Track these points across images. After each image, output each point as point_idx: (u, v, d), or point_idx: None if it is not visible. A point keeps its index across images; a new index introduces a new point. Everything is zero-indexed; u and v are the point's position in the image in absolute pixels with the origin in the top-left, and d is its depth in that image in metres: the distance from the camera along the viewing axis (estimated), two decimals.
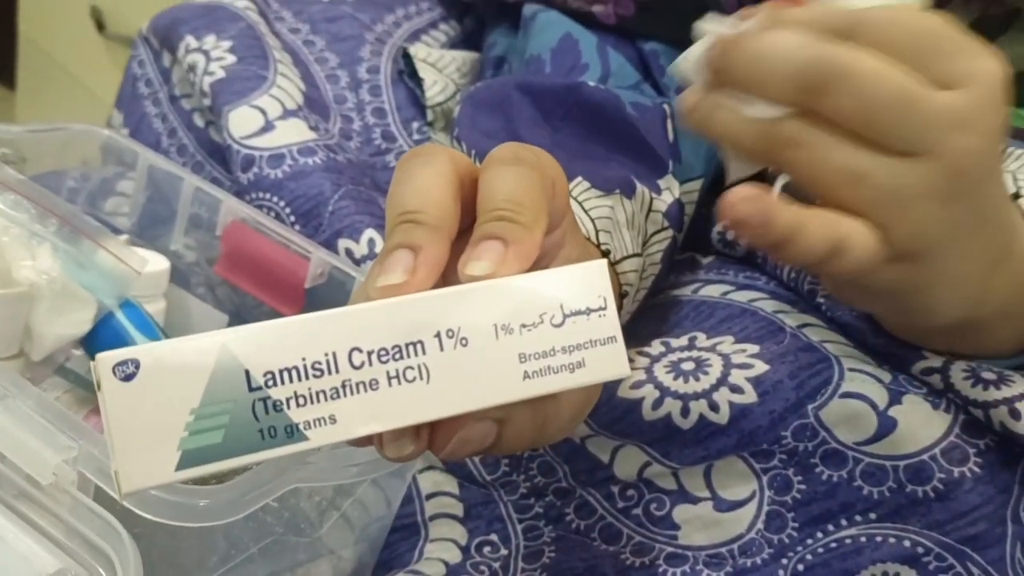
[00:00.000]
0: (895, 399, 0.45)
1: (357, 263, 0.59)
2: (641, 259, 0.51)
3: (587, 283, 0.34)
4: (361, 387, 0.31)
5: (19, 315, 0.50)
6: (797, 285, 0.52)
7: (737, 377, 0.47)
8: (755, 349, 0.48)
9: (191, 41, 0.66)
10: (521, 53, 0.66)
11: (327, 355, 0.31)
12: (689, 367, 0.48)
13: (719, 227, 0.57)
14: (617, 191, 0.51)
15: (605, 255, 0.49)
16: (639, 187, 0.52)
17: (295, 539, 0.50)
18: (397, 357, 0.31)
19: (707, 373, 0.47)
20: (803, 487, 0.46)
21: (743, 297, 0.52)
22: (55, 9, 1.66)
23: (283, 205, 0.61)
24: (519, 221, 0.34)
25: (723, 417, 0.46)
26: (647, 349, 0.50)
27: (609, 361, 0.34)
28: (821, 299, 0.51)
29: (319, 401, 0.30)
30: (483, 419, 0.34)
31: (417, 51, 0.70)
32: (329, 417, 0.31)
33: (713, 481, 0.48)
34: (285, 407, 0.30)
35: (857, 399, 0.46)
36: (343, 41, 0.70)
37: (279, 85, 0.65)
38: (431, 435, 0.33)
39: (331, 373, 0.31)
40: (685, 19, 0.39)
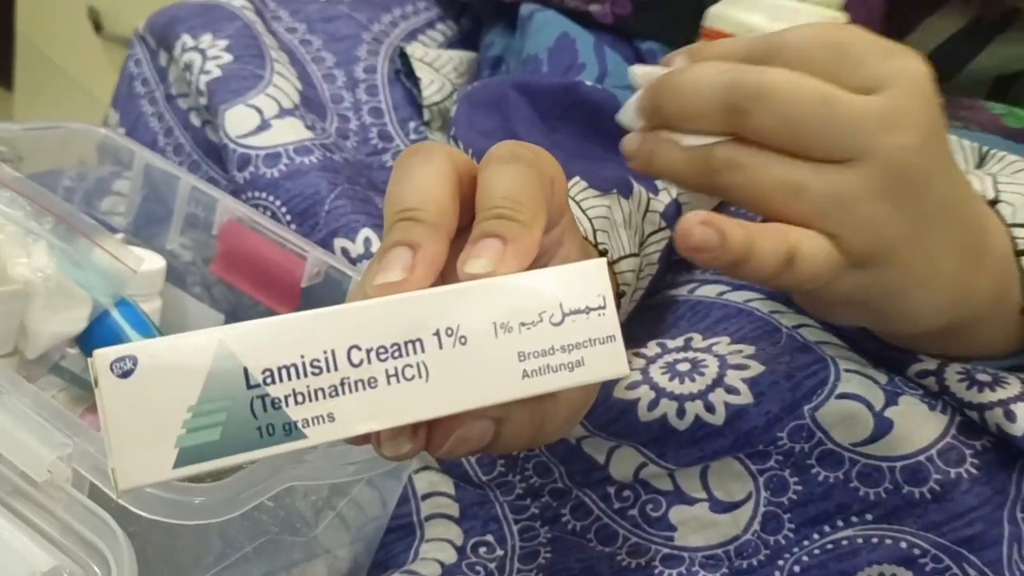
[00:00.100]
0: (891, 400, 0.45)
1: (353, 262, 0.59)
2: (638, 259, 0.51)
3: (586, 282, 0.33)
4: (360, 385, 0.31)
5: (14, 313, 0.50)
6: None
7: (733, 378, 0.47)
8: (751, 350, 0.48)
9: (187, 40, 0.66)
10: (518, 53, 0.66)
11: (326, 353, 0.31)
12: (685, 368, 0.48)
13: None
14: (614, 191, 0.51)
15: (603, 255, 0.48)
16: (636, 187, 0.52)
17: (291, 538, 0.50)
18: (396, 355, 0.31)
19: (703, 374, 0.47)
20: (799, 488, 0.46)
21: (739, 297, 0.51)
22: (53, 9, 1.66)
23: (279, 204, 0.61)
24: (518, 219, 0.34)
25: (719, 418, 0.46)
26: (643, 350, 0.50)
27: (608, 360, 0.34)
28: None
29: (317, 399, 0.30)
30: (481, 418, 0.34)
31: (414, 50, 0.70)
32: (327, 415, 0.30)
33: (709, 482, 0.48)
34: (283, 405, 0.30)
35: (853, 400, 0.45)
36: (340, 40, 0.70)
37: (275, 84, 0.65)
38: (428, 434, 0.33)
39: (330, 371, 0.31)
40: (682, 19, 0.40)
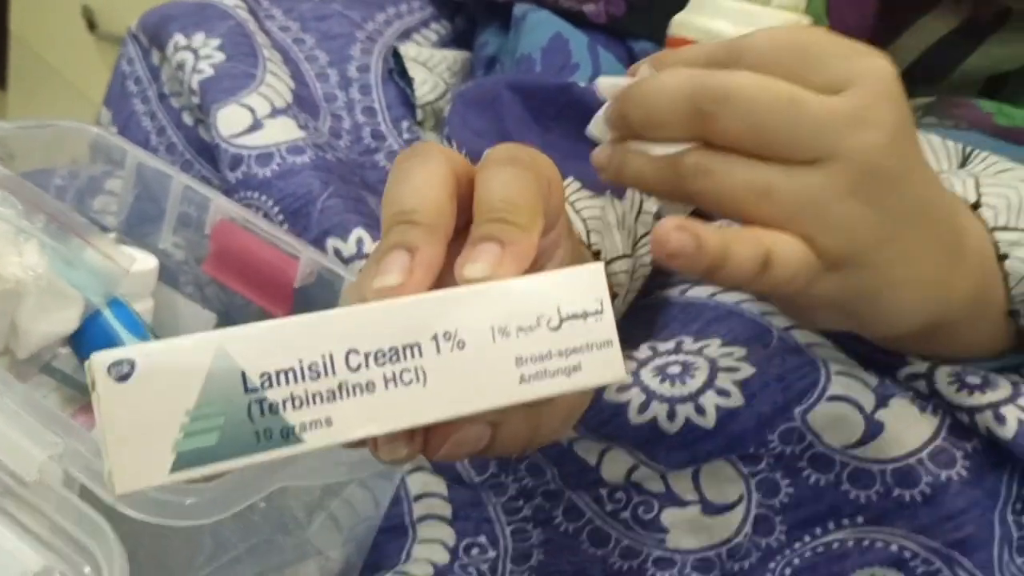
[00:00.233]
0: (882, 402, 0.45)
1: (345, 262, 0.59)
2: (631, 260, 0.51)
3: (584, 286, 0.33)
4: (357, 389, 0.31)
5: (5, 312, 0.50)
6: None
7: (723, 380, 0.47)
8: (742, 352, 0.48)
9: (180, 39, 0.66)
10: (512, 53, 0.66)
11: (324, 357, 0.30)
12: (676, 371, 0.48)
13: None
14: (608, 192, 0.51)
15: (596, 256, 0.49)
16: (629, 188, 0.52)
17: (282, 539, 0.50)
18: (394, 359, 0.31)
19: (693, 376, 0.47)
20: (791, 491, 0.46)
21: (730, 298, 0.52)
22: (47, 9, 1.66)
23: (271, 204, 0.61)
24: (516, 223, 0.34)
25: (710, 420, 0.46)
26: (634, 353, 0.50)
27: (605, 365, 0.34)
28: None
29: (315, 403, 0.30)
30: (477, 422, 0.34)
31: (407, 50, 0.70)
32: (325, 419, 0.30)
33: (701, 484, 0.48)
34: (281, 409, 0.30)
35: (844, 402, 0.45)
36: (333, 39, 0.70)
37: (268, 83, 0.64)
38: (425, 438, 0.33)
39: (328, 375, 0.30)
40: None
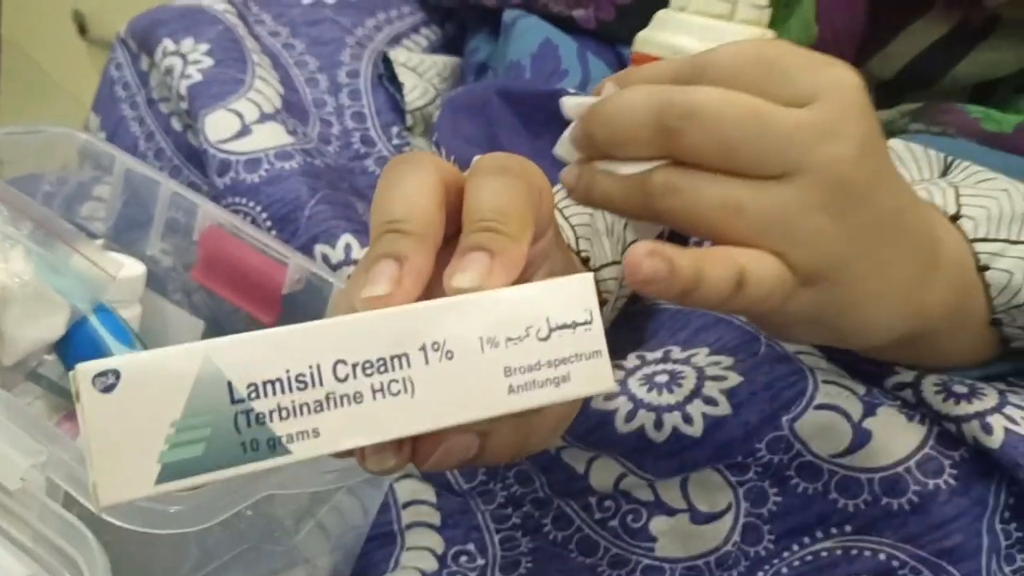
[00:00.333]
0: (869, 411, 0.45)
1: (334, 268, 0.59)
2: (620, 267, 0.51)
3: (573, 296, 0.33)
4: (345, 400, 0.31)
5: None
6: None
7: (711, 389, 0.47)
8: (729, 361, 0.48)
9: (169, 44, 0.66)
10: (502, 58, 0.66)
11: (311, 367, 0.30)
12: (663, 379, 0.48)
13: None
14: None
15: (584, 262, 0.49)
16: None
17: (270, 547, 0.50)
18: (382, 370, 0.31)
19: (681, 385, 0.47)
20: (779, 499, 0.46)
21: None
22: (38, 13, 1.65)
23: (259, 210, 0.61)
24: (505, 232, 0.33)
25: (697, 429, 0.46)
26: (623, 362, 0.50)
27: (594, 375, 0.34)
28: None
29: (303, 414, 0.30)
30: (466, 432, 0.34)
31: (397, 55, 0.70)
32: (312, 430, 0.30)
33: (690, 493, 0.48)
34: (268, 420, 0.30)
35: (831, 411, 0.45)
36: (323, 45, 0.70)
37: (257, 89, 0.64)
38: (413, 448, 0.33)
39: (315, 386, 0.30)
40: None
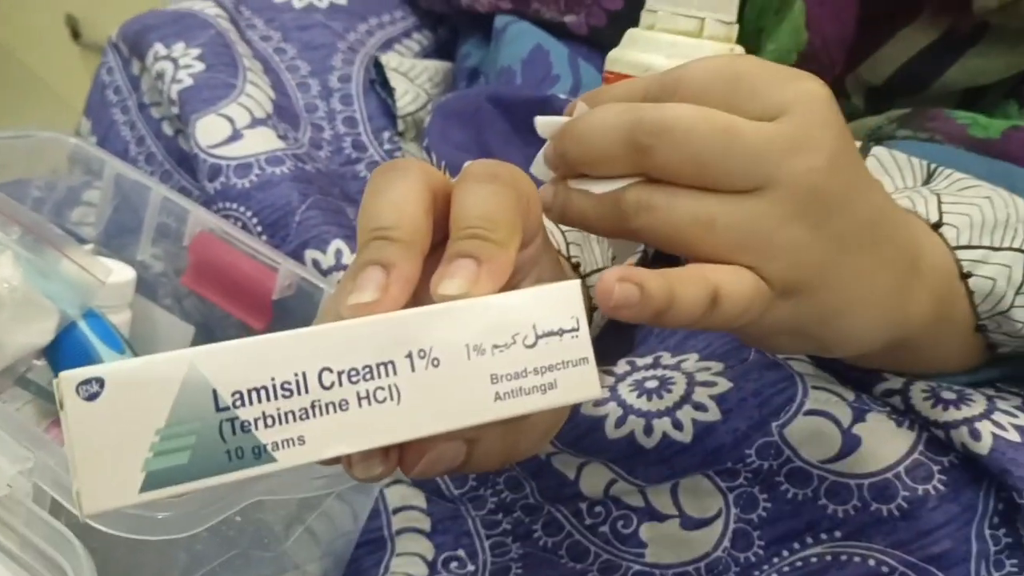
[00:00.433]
0: (859, 417, 0.45)
1: (324, 274, 0.59)
2: None
3: (560, 304, 0.33)
4: (331, 408, 0.31)
5: None
6: None
7: (701, 395, 0.47)
8: (719, 367, 0.48)
9: (160, 48, 0.66)
10: (493, 64, 0.66)
11: (297, 375, 0.30)
12: (653, 385, 0.48)
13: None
14: None
15: (575, 268, 0.48)
16: None
17: (259, 553, 0.49)
18: (368, 377, 0.31)
19: (671, 391, 0.47)
20: (769, 505, 0.46)
21: None
22: (30, 17, 1.65)
23: (250, 215, 0.61)
24: (492, 239, 0.33)
25: (687, 435, 0.46)
26: (612, 368, 0.50)
27: (581, 382, 0.33)
28: None
29: (288, 422, 0.30)
30: (453, 439, 0.34)
31: (388, 60, 0.70)
32: (298, 438, 0.30)
33: (680, 499, 0.48)
34: (253, 428, 0.30)
35: (821, 417, 0.46)
36: (315, 50, 0.70)
37: (248, 93, 0.64)
38: (400, 455, 0.33)
39: (301, 393, 0.30)
40: None
